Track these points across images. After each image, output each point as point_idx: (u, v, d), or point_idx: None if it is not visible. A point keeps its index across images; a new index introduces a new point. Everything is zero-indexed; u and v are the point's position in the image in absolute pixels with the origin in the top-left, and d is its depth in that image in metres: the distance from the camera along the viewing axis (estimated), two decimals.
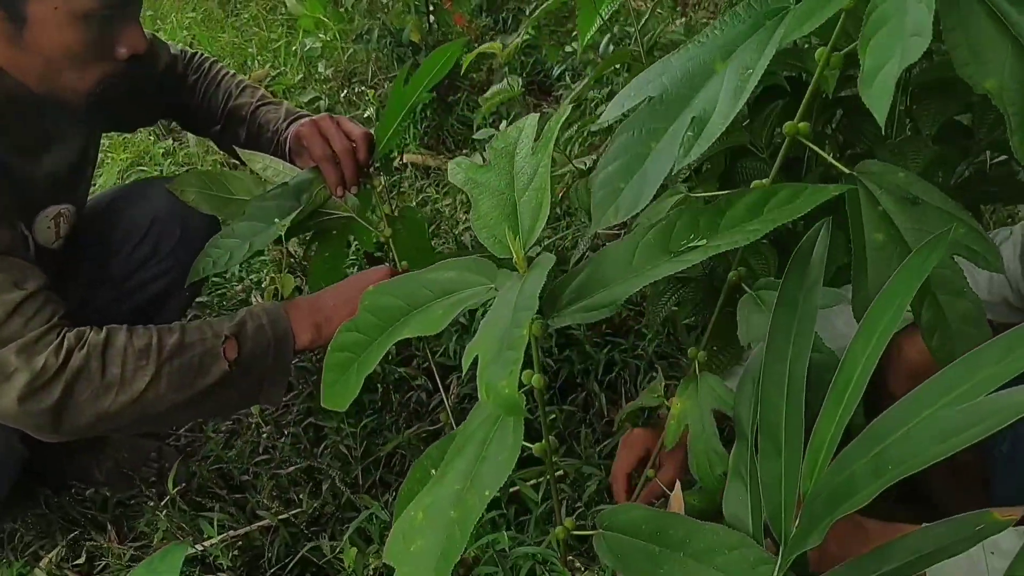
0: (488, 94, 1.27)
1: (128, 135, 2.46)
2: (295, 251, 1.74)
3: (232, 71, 1.39)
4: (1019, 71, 0.59)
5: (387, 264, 1.17)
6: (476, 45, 2.73)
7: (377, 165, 1.17)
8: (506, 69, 2.51)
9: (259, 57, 2.95)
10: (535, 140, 0.81)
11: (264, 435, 1.44)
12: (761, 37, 0.66)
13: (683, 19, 3.03)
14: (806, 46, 1.13)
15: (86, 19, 0.95)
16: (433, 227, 2.00)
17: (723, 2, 2.76)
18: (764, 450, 0.69)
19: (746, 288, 0.86)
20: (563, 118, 0.80)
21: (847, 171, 0.74)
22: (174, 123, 1.51)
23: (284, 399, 1.49)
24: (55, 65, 0.98)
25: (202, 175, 1.16)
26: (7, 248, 0.98)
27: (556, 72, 2.52)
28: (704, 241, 0.71)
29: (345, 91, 2.64)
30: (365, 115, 2.39)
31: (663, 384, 1.00)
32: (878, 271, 0.72)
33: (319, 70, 2.77)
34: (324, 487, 1.32)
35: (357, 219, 1.17)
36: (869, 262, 0.72)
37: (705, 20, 2.54)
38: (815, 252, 0.74)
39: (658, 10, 3.01)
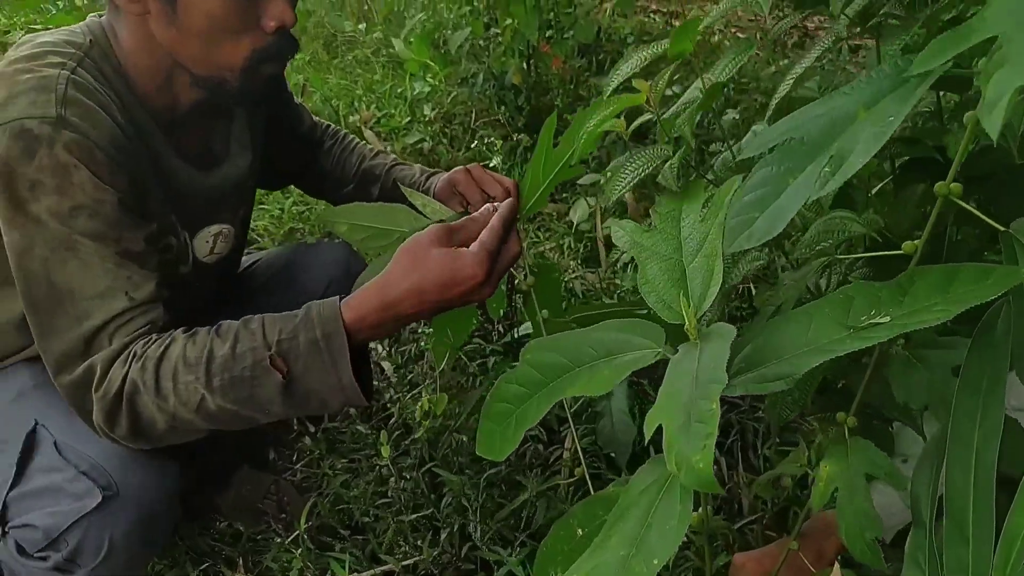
0: (610, 168, 1.22)
1: None
2: None
3: (363, 141, 1.43)
4: None
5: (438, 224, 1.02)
6: (571, 86, 2.76)
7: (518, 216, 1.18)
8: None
9: (364, 98, 3.02)
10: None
11: (388, 476, 1.44)
12: (904, 92, 0.69)
13: (785, 61, 2.99)
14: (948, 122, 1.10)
15: None
16: None
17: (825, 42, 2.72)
18: (949, 537, 0.67)
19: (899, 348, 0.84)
20: (734, 189, 0.80)
21: (1001, 228, 0.74)
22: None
23: (404, 443, 1.51)
24: (209, 40, 1.00)
25: (355, 207, 1.14)
26: (136, 257, 0.96)
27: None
28: (888, 319, 0.70)
29: (472, 139, 2.63)
30: (491, 164, 2.33)
31: (805, 453, 0.98)
32: None
33: (424, 113, 2.82)
34: (442, 536, 1.32)
35: None
36: None
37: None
38: (998, 329, 0.72)
39: (757, 51, 3.00)
